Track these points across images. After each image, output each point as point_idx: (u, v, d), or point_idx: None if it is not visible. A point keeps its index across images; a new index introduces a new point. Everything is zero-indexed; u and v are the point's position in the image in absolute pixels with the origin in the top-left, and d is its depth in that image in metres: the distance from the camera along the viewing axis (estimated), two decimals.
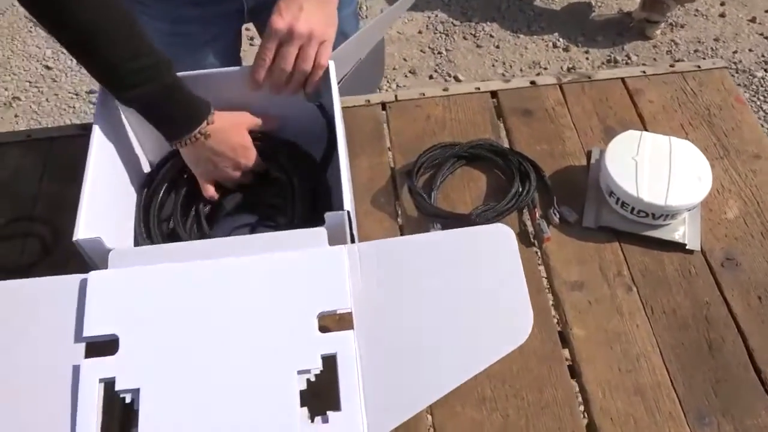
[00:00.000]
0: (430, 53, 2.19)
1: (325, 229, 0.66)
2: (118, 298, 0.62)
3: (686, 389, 0.72)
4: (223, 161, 0.80)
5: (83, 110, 2.08)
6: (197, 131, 0.76)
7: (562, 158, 0.94)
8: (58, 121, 2.05)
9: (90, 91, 2.12)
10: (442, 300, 0.62)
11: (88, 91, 2.12)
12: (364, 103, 1.03)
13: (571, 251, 0.83)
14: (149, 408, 0.57)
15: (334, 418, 0.57)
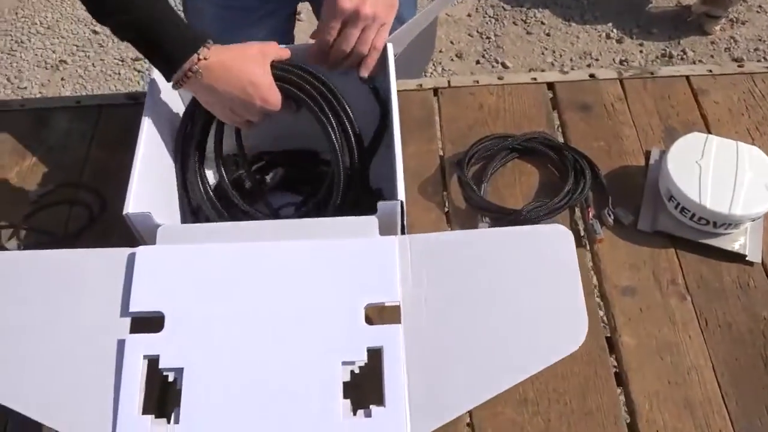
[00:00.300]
0: (478, 37, 2.14)
1: (376, 218, 0.64)
2: (165, 275, 0.62)
3: (738, 407, 0.69)
4: (234, 103, 0.71)
5: (128, 77, 2.09)
6: (188, 68, 0.68)
7: (619, 157, 0.90)
8: (103, 86, 2.06)
9: (135, 59, 2.12)
10: (493, 300, 0.60)
11: (134, 58, 2.13)
12: (416, 88, 1.00)
13: (623, 255, 0.80)
14: (192, 388, 0.57)
15: (377, 412, 0.56)
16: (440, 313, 0.60)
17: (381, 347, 0.58)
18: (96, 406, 0.57)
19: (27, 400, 0.58)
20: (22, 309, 0.61)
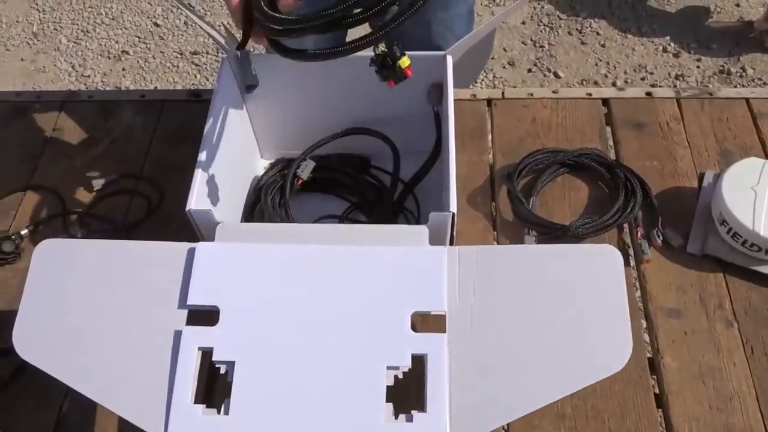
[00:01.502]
0: (531, 45, 2.14)
1: (427, 227, 0.66)
2: (222, 271, 0.64)
3: None
4: None
5: (186, 70, 2.15)
6: None
7: (671, 177, 0.90)
8: (161, 78, 2.12)
9: (194, 52, 2.18)
10: (538, 316, 0.61)
11: (192, 52, 2.18)
12: (470, 98, 1.01)
13: (671, 276, 0.80)
14: (242, 381, 0.59)
15: (419, 418, 0.57)
16: (485, 325, 0.61)
17: (425, 354, 0.59)
18: (152, 392, 0.60)
19: (89, 382, 0.61)
20: (88, 296, 0.64)
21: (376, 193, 0.89)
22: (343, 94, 0.86)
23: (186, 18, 2.23)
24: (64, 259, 0.66)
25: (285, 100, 0.88)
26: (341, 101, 0.87)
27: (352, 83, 0.84)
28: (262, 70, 0.84)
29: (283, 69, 0.84)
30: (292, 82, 0.85)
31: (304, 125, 0.88)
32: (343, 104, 0.87)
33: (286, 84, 0.86)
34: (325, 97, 0.87)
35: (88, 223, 0.91)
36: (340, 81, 0.84)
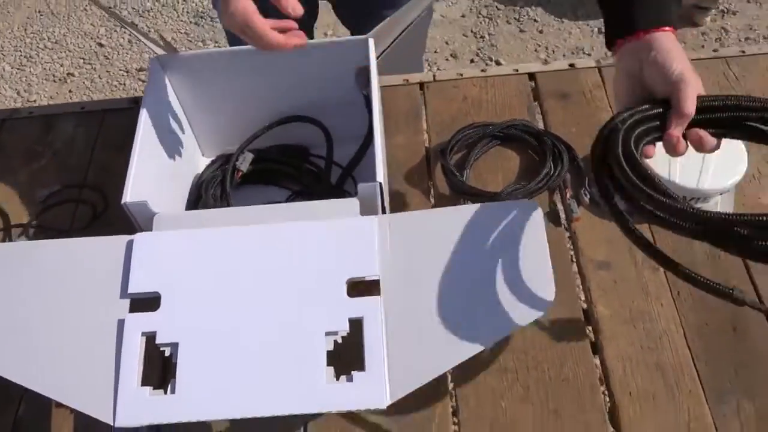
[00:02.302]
0: (472, 37, 2.19)
1: (357, 199, 0.69)
2: (161, 259, 0.66)
3: (708, 369, 0.72)
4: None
5: (133, 87, 2.15)
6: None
7: None
8: (109, 96, 2.12)
9: (140, 69, 2.19)
10: (466, 270, 0.64)
11: (138, 69, 2.19)
12: (403, 83, 1.05)
13: (600, 231, 0.84)
14: (186, 361, 0.61)
15: (358, 377, 0.60)
16: (417, 284, 0.64)
17: (362, 318, 0.62)
18: (100, 380, 0.62)
19: (38, 378, 0.63)
20: (30, 295, 0.66)
21: (316, 179, 0.92)
22: (276, 85, 0.88)
23: (130, 35, 2.23)
24: (4, 263, 0.68)
25: (219, 96, 0.90)
26: (275, 93, 0.89)
27: (283, 74, 0.86)
28: (194, 68, 0.86)
29: (215, 66, 0.86)
30: (225, 78, 0.88)
31: (242, 120, 0.90)
32: (277, 96, 0.89)
33: (220, 80, 0.88)
34: (259, 91, 0.90)
35: (33, 234, 0.92)
36: (271, 73, 0.86)
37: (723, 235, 0.55)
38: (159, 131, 0.82)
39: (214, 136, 0.95)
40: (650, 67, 0.61)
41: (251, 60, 0.85)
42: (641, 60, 0.62)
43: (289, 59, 0.85)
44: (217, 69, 0.86)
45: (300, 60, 0.85)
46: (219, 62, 0.86)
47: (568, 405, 0.71)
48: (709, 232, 0.56)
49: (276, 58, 0.85)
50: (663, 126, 0.61)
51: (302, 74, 0.87)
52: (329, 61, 0.85)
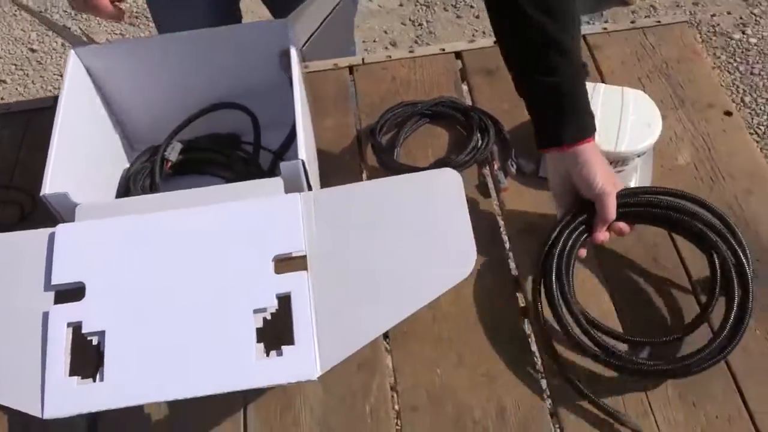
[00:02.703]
0: (410, 25, 2.20)
1: (281, 178, 0.69)
2: (84, 249, 0.65)
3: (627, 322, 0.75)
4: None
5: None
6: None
7: (521, 114, 0.94)
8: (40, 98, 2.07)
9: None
10: (390, 239, 0.65)
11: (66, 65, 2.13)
12: (332, 67, 1.05)
13: (527, 200, 0.86)
14: (114, 348, 0.61)
15: (288, 351, 0.60)
16: (344, 256, 0.65)
17: (289, 293, 0.63)
18: (27, 375, 0.61)
19: None
20: None
21: (247, 166, 0.92)
22: (202, 73, 0.88)
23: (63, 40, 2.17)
24: None
25: (144, 87, 0.89)
26: (202, 81, 0.89)
27: (207, 61, 0.86)
28: (115, 59, 0.85)
29: (136, 55, 0.85)
30: (147, 68, 0.87)
31: (170, 110, 0.90)
32: (204, 84, 0.89)
33: (142, 70, 0.87)
34: (185, 80, 0.89)
35: None
36: (196, 61, 0.86)
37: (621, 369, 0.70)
38: (80, 124, 0.80)
39: (143, 127, 0.94)
40: (577, 177, 0.73)
41: (173, 48, 0.85)
42: (568, 168, 0.73)
43: (211, 44, 0.85)
44: (140, 59, 0.86)
45: (222, 45, 0.85)
46: (140, 52, 0.85)
47: (502, 367, 0.73)
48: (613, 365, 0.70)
49: (197, 44, 0.85)
50: (590, 229, 0.75)
51: (226, 60, 0.87)
52: (251, 45, 0.85)
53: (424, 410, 0.71)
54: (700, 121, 0.93)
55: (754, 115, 1.86)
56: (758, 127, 1.84)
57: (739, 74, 1.96)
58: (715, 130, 0.92)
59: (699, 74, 0.99)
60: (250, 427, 0.72)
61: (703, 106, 0.95)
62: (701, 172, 0.88)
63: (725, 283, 0.70)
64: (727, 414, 0.68)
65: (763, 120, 1.86)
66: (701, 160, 0.89)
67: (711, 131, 0.92)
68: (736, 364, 0.71)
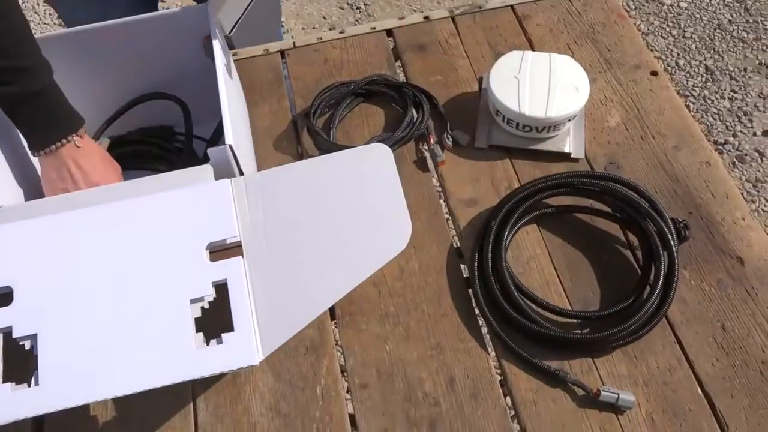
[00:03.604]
0: (348, 9, 2.19)
1: (210, 165, 0.68)
2: (9, 252, 0.63)
3: (573, 284, 0.76)
4: (83, 177, 0.75)
5: None
6: (68, 139, 0.74)
7: (455, 87, 0.97)
8: None
9: None
10: (325, 218, 0.65)
11: None
12: (263, 53, 1.04)
13: (465, 171, 0.87)
14: (47, 351, 0.59)
15: (228, 338, 0.59)
16: (279, 239, 0.64)
17: (225, 280, 0.62)
18: None
19: None
20: None
21: (182, 156, 0.90)
22: (126, 64, 0.86)
23: None
24: None
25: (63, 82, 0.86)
26: (127, 73, 0.87)
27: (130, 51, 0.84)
28: None
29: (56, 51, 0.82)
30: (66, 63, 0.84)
31: (96, 105, 0.87)
32: (130, 75, 0.87)
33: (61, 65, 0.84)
34: (109, 72, 0.86)
35: None
36: (118, 52, 0.83)
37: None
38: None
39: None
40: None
41: (92, 40, 0.82)
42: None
43: (131, 34, 0.83)
44: (57, 54, 0.82)
45: (144, 34, 0.82)
46: (56, 46, 0.82)
47: (450, 338, 0.74)
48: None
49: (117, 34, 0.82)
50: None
51: (149, 50, 0.85)
52: (173, 33, 0.83)
53: (375, 387, 0.71)
54: (628, 83, 0.95)
55: (688, 77, 1.91)
56: (693, 89, 1.88)
57: (672, 38, 2.01)
58: (643, 90, 0.94)
59: (625, 37, 1.01)
60: (200, 419, 0.71)
61: (631, 67, 0.97)
62: (631, 131, 0.89)
63: (653, 250, 0.72)
64: (668, 364, 0.70)
65: (697, 82, 1.91)
66: (630, 120, 0.91)
67: (639, 92, 0.94)
68: (673, 315, 0.73)
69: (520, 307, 0.71)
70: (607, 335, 0.68)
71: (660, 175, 0.84)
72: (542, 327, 0.70)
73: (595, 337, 0.69)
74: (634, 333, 0.69)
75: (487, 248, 0.75)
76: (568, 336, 0.70)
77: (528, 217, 0.79)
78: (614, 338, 0.69)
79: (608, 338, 0.68)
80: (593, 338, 0.69)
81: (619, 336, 0.69)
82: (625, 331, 0.69)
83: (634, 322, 0.69)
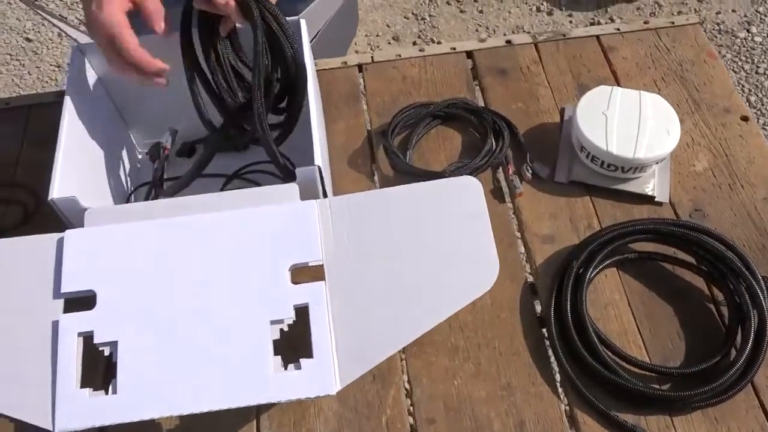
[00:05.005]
0: (413, 19, 2.18)
1: (296, 184, 0.67)
2: (94, 255, 0.64)
3: (651, 335, 0.74)
4: None
5: (65, 82, 2.07)
6: None
7: (536, 116, 0.95)
8: (41, 93, 2.03)
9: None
10: (410, 250, 0.63)
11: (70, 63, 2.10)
12: (341, 65, 1.03)
13: (543, 206, 0.85)
14: (127, 359, 0.59)
15: (306, 364, 0.59)
16: (361, 266, 0.63)
17: (307, 304, 0.61)
18: (36, 386, 0.59)
19: None
20: None
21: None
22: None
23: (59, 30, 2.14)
24: None
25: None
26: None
27: None
28: None
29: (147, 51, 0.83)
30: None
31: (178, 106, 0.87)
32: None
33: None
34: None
35: None
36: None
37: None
38: (86, 123, 0.78)
39: (149, 124, 0.92)
40: None
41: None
42: None
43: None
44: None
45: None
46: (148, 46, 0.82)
47: (521, 379, 0.72)
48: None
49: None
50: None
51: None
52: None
53: (441, 422, 0.70)
54: (717, 126, 0.92)
55: (759, 115, 1.86)
56: (764, 127, 1.83)
57: (744, 73, 1.95)
58: (733, 135, 0.91)
59: (715, 77, 0.97)
60: None
61: (720, 110, 0.93)
62: (719, 178, 0.86)
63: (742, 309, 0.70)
64: (750, 430, 0.67)
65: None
66: (718, 166, 0.88)
67: (728, 137, 0.90)
68: (759, 379, 0.70)
69: (599, 354, 0.69)
70: (690, 395, 0.66)
71: (748, 227, 0.81)
72: (621, 378, 0.68)
73: (677, 396, 0.66)
74: (717, 395, 0.66)
75: (566, 289, 0.73)
76: (648, 390, 0.67)
77: (609, 260, 0.77)
78: (696, 399, 0.66)
79: (690, 398, 0.66)
80: (675, 396, 0.66)
81: (702, 397, 0.66)
82: (709, 393, 0.66)
83: (719, 385, 0.66)
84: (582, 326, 0.71)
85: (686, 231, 0.76)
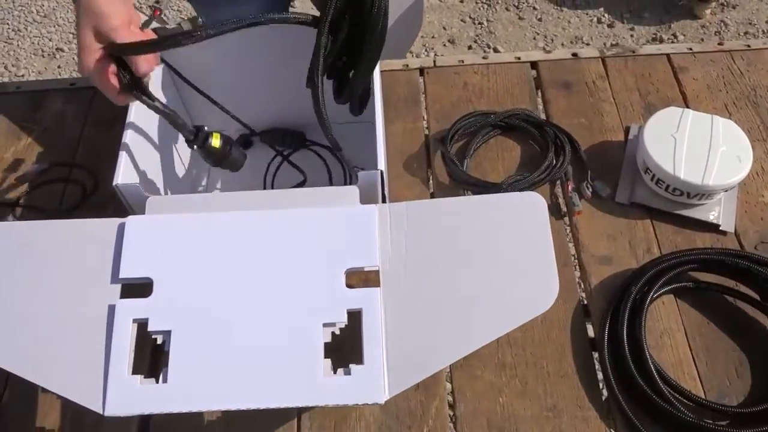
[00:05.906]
0: (470, 23, 2.16)
1: (357, 187, 0.67)
2: (153, 243, 0.64)
3: (708, 368, 0.71)
4: None
5: None
6: None
7: (599, 133, 0.92)
8: None
9: None
10: (468, 263, 0.62)
11: None
12: (402, 68, 1.02)
13: (601, 226, 0.83)
14: (179, 349, 0.59)
15: (356, 371, 0.58)
16: (418, 276, 0.62)
17: (361, 309, 0.60)
18: (89, 368, 0.60)
19: (24, 363, 0.60)
20: (16, 277, 0.63)
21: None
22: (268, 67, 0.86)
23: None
24: None
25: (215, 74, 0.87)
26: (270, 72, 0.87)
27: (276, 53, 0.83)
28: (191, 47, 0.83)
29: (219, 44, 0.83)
30: (218, 56, 0.85)
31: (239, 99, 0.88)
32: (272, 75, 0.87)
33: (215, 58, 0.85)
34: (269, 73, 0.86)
35: (20, 214, 0.89)
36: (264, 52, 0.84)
37: None
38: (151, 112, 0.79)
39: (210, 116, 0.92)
40: None
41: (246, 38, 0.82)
42: None
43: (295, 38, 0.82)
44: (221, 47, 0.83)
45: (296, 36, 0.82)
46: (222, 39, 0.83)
47: (568, 402, 0.70)
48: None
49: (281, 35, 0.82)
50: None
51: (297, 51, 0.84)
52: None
53: None
54: None
55: None
56: None
57: None
58: None
59: None
60: None
61: None
62: None
63: None
64: None
65: None
66: None
67: None
68: None
69: (654, 383, 0.67)
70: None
71: None
72: (676, 410, 0.65)
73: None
74: None
75: (623, 314, 0.71)
76: (703, 425, 0.65)
77: (668, 287, 0.75)
78: None
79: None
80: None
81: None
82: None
83: None
84: (639, 353, 0.69)
85: (751, 265, 0.73)
